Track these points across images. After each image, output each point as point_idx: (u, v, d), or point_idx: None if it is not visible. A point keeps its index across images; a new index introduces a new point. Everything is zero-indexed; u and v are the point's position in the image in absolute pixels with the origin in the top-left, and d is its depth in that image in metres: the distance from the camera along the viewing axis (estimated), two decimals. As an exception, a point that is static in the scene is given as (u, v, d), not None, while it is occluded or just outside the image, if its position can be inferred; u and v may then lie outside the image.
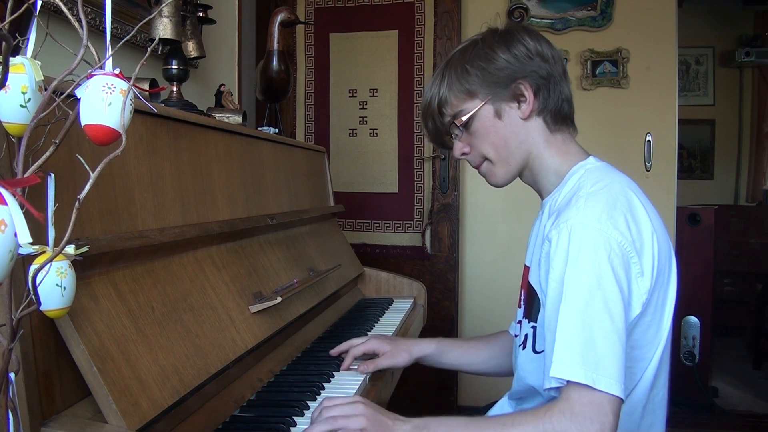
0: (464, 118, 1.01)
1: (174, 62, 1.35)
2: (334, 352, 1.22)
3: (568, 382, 0.81)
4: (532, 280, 1.00)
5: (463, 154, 1.06)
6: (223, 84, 1.63)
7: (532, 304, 1.00)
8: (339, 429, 0.83)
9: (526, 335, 1.02)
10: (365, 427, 0.83)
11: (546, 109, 1.00)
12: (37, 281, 0.54)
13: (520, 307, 1.08)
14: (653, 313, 0.92)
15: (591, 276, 0.84)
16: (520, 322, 1.07)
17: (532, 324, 1.00)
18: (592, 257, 0.85)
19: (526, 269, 1.07)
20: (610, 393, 0.78)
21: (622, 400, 0.80)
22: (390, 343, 1.21)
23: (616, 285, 0.84)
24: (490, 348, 1.26)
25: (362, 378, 1.13)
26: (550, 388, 0.85)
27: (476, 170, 1.09)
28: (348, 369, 1.16)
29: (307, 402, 1.00)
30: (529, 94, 0.99)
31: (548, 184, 1.04)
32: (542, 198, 1.07)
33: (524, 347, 1.02)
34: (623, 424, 0.93)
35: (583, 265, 0.85)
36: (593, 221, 0.87)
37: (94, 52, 0.54)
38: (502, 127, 1.01)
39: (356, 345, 1.19)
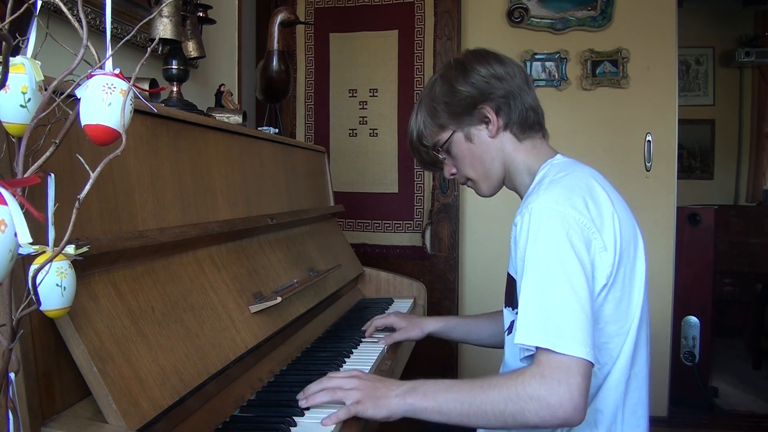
0: (442, 147, 1.15)
1: (174, 62, 1.36)
2: (364, 328, 1.45)
3: (537, 349, 0.87)
4: (509, 268, 1.07)
5: (452, 174, 1.20)
6: (223, 84, 1.63)
7: (511, 292, 1.06)
8: (337, 399, 0.94)
9: (512, 322, 1.06)
10: (360, 399, 0.93)
11: (511, 122, 1.11)
12: (37, 281, 0.54)
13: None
14: (623, 288, 0.98)
15: (549, 251, 0.91)
16: (502, 311, 1.14)
17: (516, 311, 1.03)
18: (549, 234, 0.92)
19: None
20: (575, 355, 0.84)
21: (591, 364, 0.85)
22: (405, 319, 1.43)
23: (575, 258, 0.90)
24: (494, 325, 1.37)
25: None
26: (524, 358, 0.92)
27: None
28: (371, 336, 1.42)
29: (307, 402, 1.00)
30: (491, 115, 1.10)
31: (523, 183, 1.13)
32: (521, 198, 1.15)
33: (509, 332, 1.08)
34: (609, 398, 0.99)
35: (542, 242, 0.92)
36: (551, 203, 0.95)
37: (94, 52, 0.54)
38: (475, 148, 1.13)
39: (379, 318, 1.44)
